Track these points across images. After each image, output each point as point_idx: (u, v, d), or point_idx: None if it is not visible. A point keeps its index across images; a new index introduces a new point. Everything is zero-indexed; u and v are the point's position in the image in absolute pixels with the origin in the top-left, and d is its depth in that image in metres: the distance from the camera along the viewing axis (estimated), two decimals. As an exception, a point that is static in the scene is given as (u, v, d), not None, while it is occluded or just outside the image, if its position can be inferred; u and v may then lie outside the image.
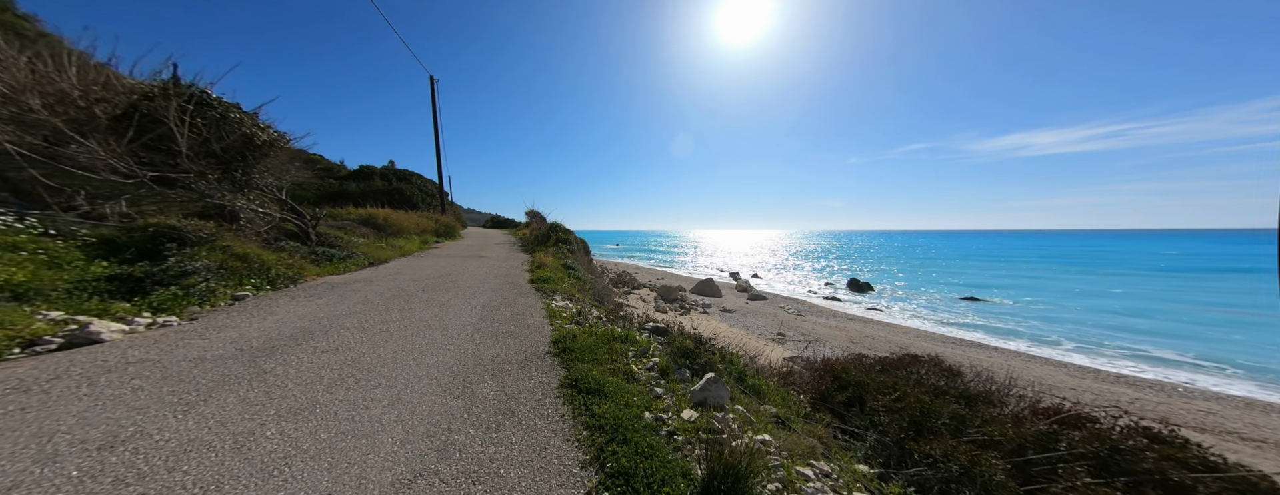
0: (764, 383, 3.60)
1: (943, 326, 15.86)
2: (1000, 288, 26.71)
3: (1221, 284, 26.59)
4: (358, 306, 4.32)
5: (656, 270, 36.15)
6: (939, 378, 4.32)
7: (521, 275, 7.03)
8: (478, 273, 7.04)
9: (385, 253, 7.91)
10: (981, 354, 11.17)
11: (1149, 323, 16.04)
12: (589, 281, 8.28)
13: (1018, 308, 19.91)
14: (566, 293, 6.02)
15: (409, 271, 6.71)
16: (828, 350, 11.54)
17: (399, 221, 10.51)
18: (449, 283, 5.97)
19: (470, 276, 6.60)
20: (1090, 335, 13.83)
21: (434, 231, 12.82)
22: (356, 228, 9.07)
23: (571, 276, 7.69)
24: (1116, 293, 24.08)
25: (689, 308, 18.07)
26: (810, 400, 3.87)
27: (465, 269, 7.40)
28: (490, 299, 5.11)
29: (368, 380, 2.56)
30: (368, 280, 5.75)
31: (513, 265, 8.30)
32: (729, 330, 14.08)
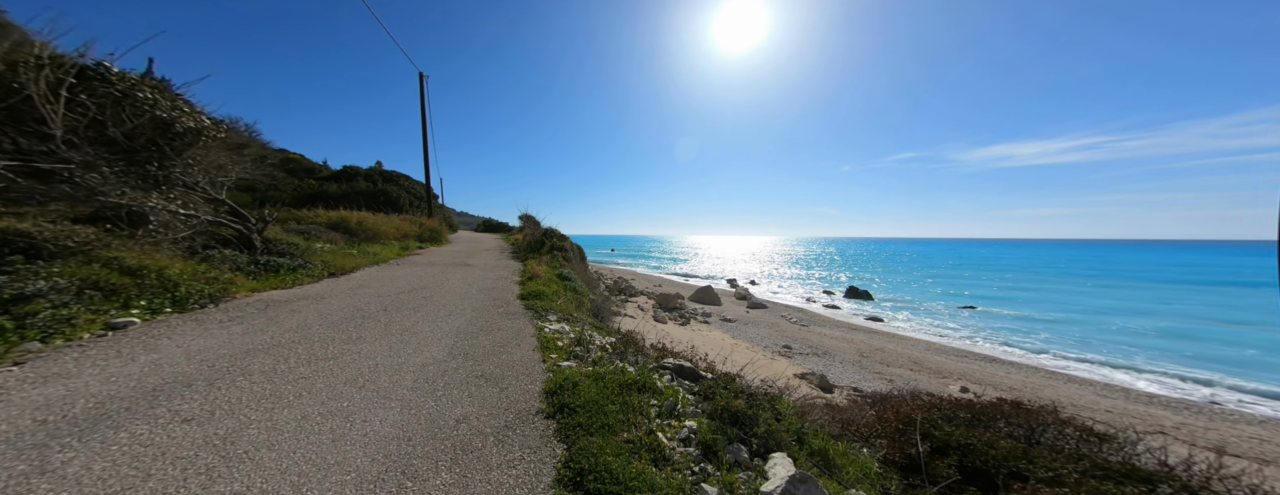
0: (831, 446, 2.64)
1: (949, 338, 15.18)
2: (996, 297, 26.42)
3: (1212, 295, 26.70)
4: (286, 336, 3.24)
5: (653, 276, 35.18)
6: (1073, 440, 3.17)
7: (510, 289, 5.99)
8: (459, 286, 5.97)
9: (352, 261, 6.78)
10: (1000, 370, 10.41)
11: (1152, 332, 15.63)
12: (587, 295, 7.27)
13: (1019, 318, 19.44)
14: (562, 311, 5.00)
15: (375, 284, 5.61)
16: (839, 365, 10.67)
17: (375, 225, 9.36)
18: (421, 299, 4.90)
19: (449, 290, 5.54)
20: (1101, 348, 13.26)
21: (417, 236, 11.65)
22: (323, 232, 7.92)
23: (568, 290, 6.67)
24: (1109, 303, 23.93)
25: (689, 317, 17.08)
26: (885, 460, 2.92)
27: (445, 281, 6.33)
28: (469, 322, 4.08)
29: (226, 484, 1.51)
30: (318, 296, 4.65)
31: (501, 276, 7.25)
32: (733, 342, 13.13)
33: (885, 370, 10.06)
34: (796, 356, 11.58)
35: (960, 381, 9.07)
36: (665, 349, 3.97)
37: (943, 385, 8.82)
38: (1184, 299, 24.94)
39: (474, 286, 6.00)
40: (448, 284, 6.06)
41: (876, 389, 8.49)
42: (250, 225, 5.39)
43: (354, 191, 16.72)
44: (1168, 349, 13.11)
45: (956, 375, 9.49)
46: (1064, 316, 19.41)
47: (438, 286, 5.79)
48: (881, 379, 9.39)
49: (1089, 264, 55.18)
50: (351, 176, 18.69)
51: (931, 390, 8.90)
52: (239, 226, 5.25)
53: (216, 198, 5.26)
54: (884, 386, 8.80)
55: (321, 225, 8.17)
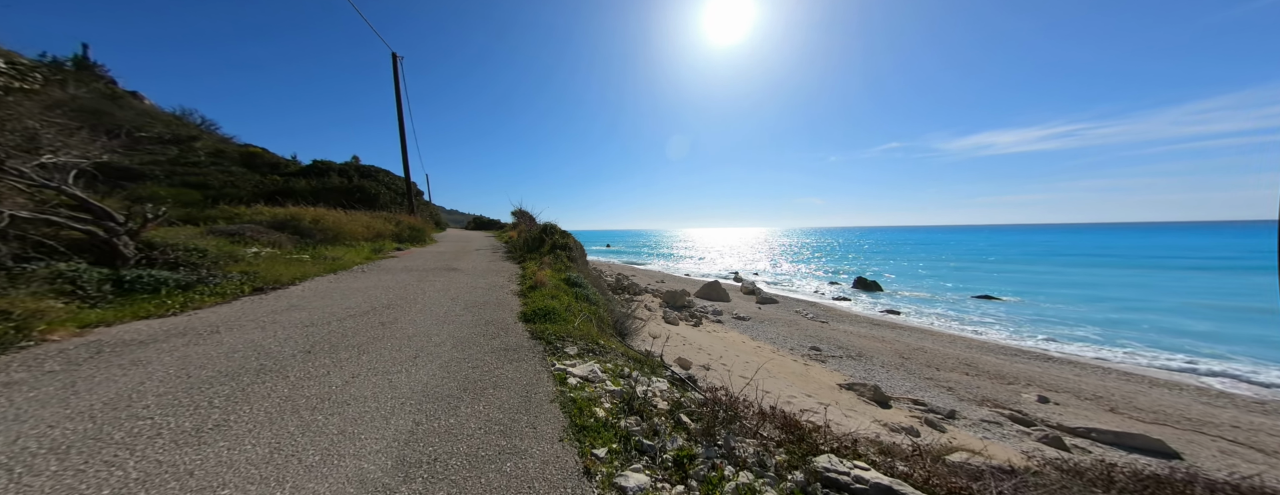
0: None
1: (980, 332, 14.16)
2: (1007, 286, 25.80)
3: (1208, 279, 26.54)
4: (56, 435, 1.63)
5: (653, 272, 33.79)
6: None
7: (507, 304, 4.43)
8: (438, 301, 4.38)
9: (297, 270, 5.08)
10: (1065, 372, 9.29)
11: (1179, 322, 14.91)
12: (604, 304, 5.73)
13: (1039, 307, 18.66)
14: (585, 339, 3.48)
15: (316, 304, 3.98)
16: (881, 370, 9.43)
17: (337, 223, 7.57)
18: (377, 328, 3.31)
19: (423, 310, 3.95)
20: (1145, 341, 12.31)
21: (395, 235, 9.86)
22: (263, 233, 6.14)
23: (581, 301, 5.12)
24: (1117, 289, 23.50)
25: (699, 316, 15.72)
26: None
27: (420, 294, 4.72)
28: (444, 372, 2.53)
29: None
30: (207, 330, 3.02)
31: (494, 283, 5.65)
32: (755, 345, 11.81)
33: (937, 375, 8.84)
34: (830, 361, 10.31)
35: (1032, 388, 7.90)
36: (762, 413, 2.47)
37: (1014, 394, 7.63)
38: (1186, 284, 24.70)
39: (459, 302, 4.41)
40: (423, 299, 4.45)
41: (941, 401, 7.25)
42: (115, 225, 3.66)
43: (326, 188, 14.69)
44: (1202, 340, 12.27)
45: (1023, 380, 8.33)
46: (1087, 305, 18.70)
47: (408, 304, 4.19)
48: (938, 386, 8.16)
49: (1076, 248, 55.93)
50: (323, 172, 16.56)
51: (1000, 399, 7.73)
52: (92, 227, 3.52)
53: (42, 182, 3.49)
54: (946, 396, 7.57)
55: (262, 224, 6.37)
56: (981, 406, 7.12)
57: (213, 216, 6.42)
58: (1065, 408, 6.90)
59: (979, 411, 6.85)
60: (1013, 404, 7.16)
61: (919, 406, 7.03)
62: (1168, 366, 9.50)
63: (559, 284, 5.66)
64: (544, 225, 10.26)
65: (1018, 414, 6.58)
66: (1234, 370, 9.03)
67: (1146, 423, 6.17)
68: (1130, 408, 6.70)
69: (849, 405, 6.96)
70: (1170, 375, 8.82)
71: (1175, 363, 9.80)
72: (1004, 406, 7.03)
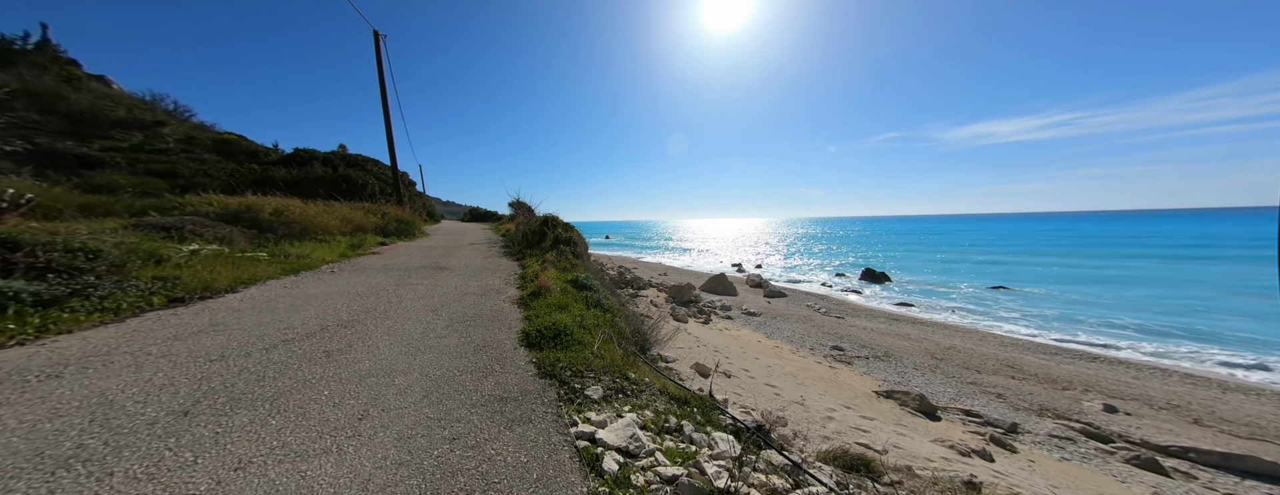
0: None
1: (1009, 329, 13.37)
2: (1019, 276, 25.07)
3: (1216, 267, 25.86)
4: None
5: (655, 264, 32.89)
6: None
7: (504, 320, 3.42)
8: (414, 317, 3.35)
9: (244, 271, 4.04)
10: (1121, 374, 8.45)
11: (1215, 315, 14.18)
12: (618, 310, 4.74)
13: (1060, 299, 17.90)
14: (609, 370, 2.50)
15: (245, 321, 2.96)
16: (915, 372, 8.60)
17: (305, 216, 6.46)
18: (315, 365, 2.30)
19: (391, 331, 2.94)
20: (1190, 335, 11.51)
21: (378, 229, 8.76)
22: (211, 226, 5.05)
23: (593, 308, 4.13)
24: (1137, 279, 22.83)
25: (708, 312, 14.84)
26: None
27: (395, 304, 3.70)
28: (401, 455, 1.50)
29: None
30: (39, 372, 1.98)
31: (489, 287, 4.65)
32: (773, 345, 10.95)
33: (980, 379, 8.01)
34: (857, 362, 9.46)
35: (1092, 395, 7.07)
36: None
37: (1073, 402, 6.80)
38: (1204, 274, 24.05)
39: (442, 315, 3.41)
40: (396, 312, 3.44)
41: (995, 411, 6.40)
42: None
43: (308, 178, 13.46)
44: (1253, 335, 11.51)
45: (1079, 385, 7.50)
46: (1111, 297, 17.94)
47: (375, 319, 3.18)
48: (985, 392, 7.32)
49: (1081, 236, 55.39)
50: (305, 161, 15.28)
51: (1060, 408, 6.91)
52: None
53: None
54: (998, 405, 6.73)
55: (208, 216, 5.25)
56: (1042, 417, 6.28)
57: (144, 208, 5.30)
58: (1139, 419, 6.08)
59: (1042, 423, 6.01)
60: (1076, 414, 6.33)
61: (973, 418, 6.17)
62: (1231, 366, 8.70)
63: (566, 287, 4.67)
64: (545, 217, 9.19)
65: (1090, 427, 5.74)
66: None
67: (1243, 438, 5.36)
68: (1215, 419, 5.89)
69: (894, 418, 6.10)
70: (1238, 377, 8.01)
71: (1241, 361, 8.99)
72: (1068, 418, 6.19)
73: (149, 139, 13.17)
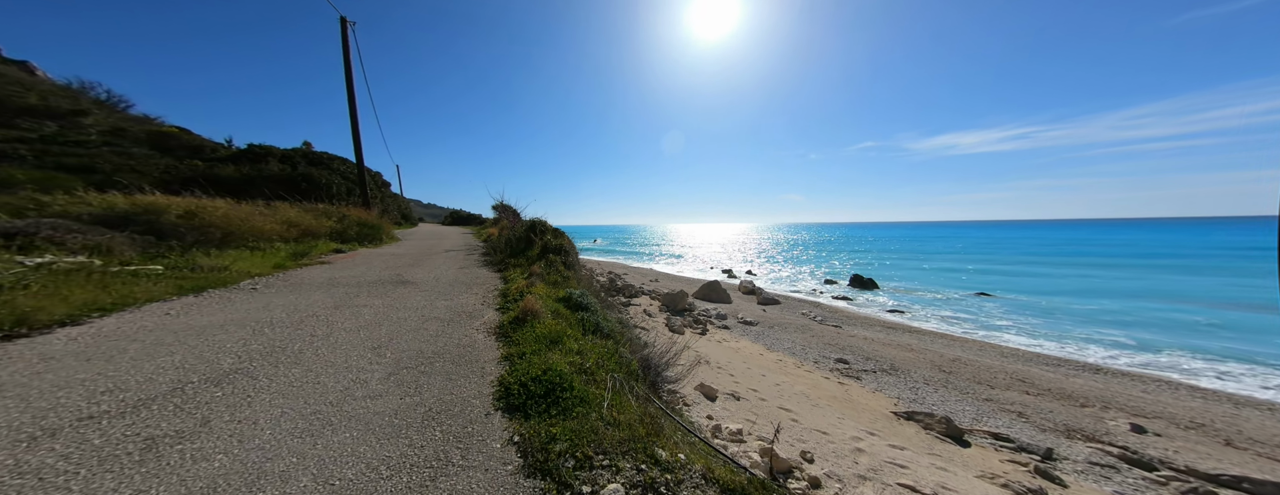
0: None
1: (1005, 337, 13.28)
2: (1000, 283, 25.74)
3: (1183, 276, 27.37)
4: None
5: (645, 269, 32.11)
6: None
7: (475, 359, 2.49)
8: (343, 359, 2.36)
9: (111, 293, 2.95)
10: (1133, 388, 8.19)
11: (1189, 322, 14.63)
12: (621, 337, 3.90)
13: (1042, 306, 18.23)
14: (632, 448, 1.67)
15: (42, 381, 1.92)
16: (927, 388, 8.11)
17: (234, 219, 5.27)
18: (123, 471, 1.34)
19: (295, 384, 1.95)
20: (1178, 345, 11.60)
21: (336, 234, 7.57)
22: (86, 232, 3.87)
23: (594, 339, 3.28)
24: (1105, 286, 23.80)
25: (704, 322, 14.14)
26: None
27: (322, 338, 2.71)
28: None
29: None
30: None
31: (460, 309, 3.71)
32: (776, 358, 10.32)
33: (996, 396, 7.58)
34: (865, 377, 8.92)
35: (1113, 412, 6.71)
36: None
37: (1096, 420, 6.40)
38: (1170, 280, 25.35)
39: (386, 357, 2.45)
40: (318, 351, 2.47)
41: (1023, 434, 5.89)
42: None
43: (262, 176, 11.98)
44: (1234, 343, 11.78)
45: (1097, 402, 7.16)
46: (1089, 304, 18.39)
47: (279, 364, 2.22)
48: (1005, 411, 6.86)
49: (1043, 243, 58.50)
50: (259, 157, 13.71)
51: (1086, 429, 6.50)
52: None
53: None
54: (1023, 427, 6.24)
55: (81, 219, 3.99)
56: (1073, 440, 5.82)
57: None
58: (1171, 440, 5.70)
59: (1076, 448, 5.53)
60: (1106, 436, 5.90)
61: (1004, 444, 5.62)
62: (1226, 377, 8.66)
63: (557, 308, 3.81)
64: (531, 222, 8.25)
65: (1128, 452, 5.28)
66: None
67: (1277, 461, 5.01)
68: (1245, 440, 5.57)
69: (924, 445, 5.49)
70: (1241, 389, 7.89)
71: (1232, 371, 8.99)
72: (1100, 440, 5.74)
73: (65, 130, 11.40)
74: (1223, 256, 35.08)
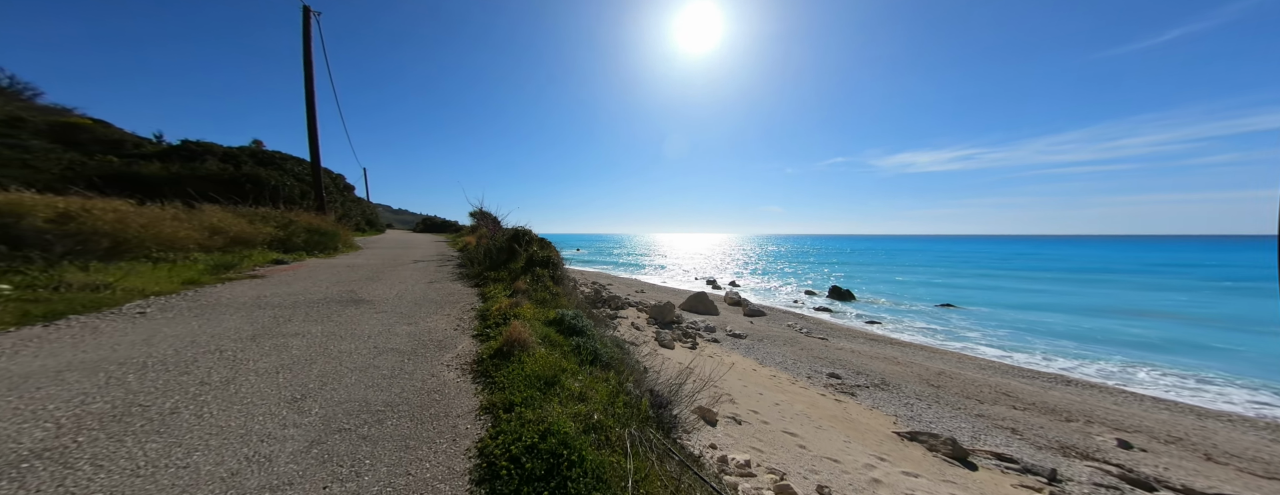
0: None
1: (979, 348, 13.72)
2: (959, 293, 27.20)
3: (1125, 289, 29.82)
4: None
5: (629, 280, 31.49)
6: None
7: (443, 414, 1.81)
8: (240, 422, 1.63)
9: None
10: (1103, 400, 8.42)
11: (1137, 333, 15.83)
12: (626, 371, 3.34)
13: (1003, 317, 19.26)
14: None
15: None
16: (920, 403, 8.00)
17: (129, 223, 4.20)
18: None
19: (146, 467, 1.19)
20: (1127, 357, 12.31)
21: (279, 242, 6.51)
22: None
23: (593, 371, 2.71)
24: (1048, 298, 25.67)
25: (693, 335, 13.70)
26: None
27: (219, 385, 1.94)
28: None
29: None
30: None
31: (426, 334, 3.01)
32: (770, 374, 9.99)
33: (987, 411, 7.55)
34: (860, 393, 8.72)
35: (1096, 426, 6.79)
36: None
37: (1084, 436, 6.44)
38: (1102, 292, 27.74)
39: (310, 414, 1.72)
40: (204, 409, 1.73)
41: (1021, 452, 5.77)
42: None
43: (195, 176, 10.51)
44: (1177, 355, 12.69)
45: (1079, 416, 7.26)
46: (1041, 315, 19.59)
47: (127, 437, 1.47)
48: (998, 428, 6.79)
49: (990, 257, 63.37)
50: (195, 155, 12.11)
51: (1077, 445, 6.50)
52: None
53: None
54: (1020, 444, 6.15)
55: None
56: (1069, 457, 5.75)
57: None
58: (1157, 456, 5.76)
59: (1075, 467, 5.45)
60: (1098, 452, 5.90)
61: (1010, 466, 5.45)
62: (1179, 388, 9.17)
63: (548, 335, 3.21)
64: (515, 230, 7.55)
65: (1127, 472, 5.24)
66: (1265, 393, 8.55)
67: (1262, 477, 5.13)
68: (1222, 454, 5.72)
69: (935, 470, 5.21)
70: (1198, 401, 8.33)
71: (1180, 379, 9.54)
72: (1095, 458, 5.71)
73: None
74: (1142, 271, 39.19)
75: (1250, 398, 8.45)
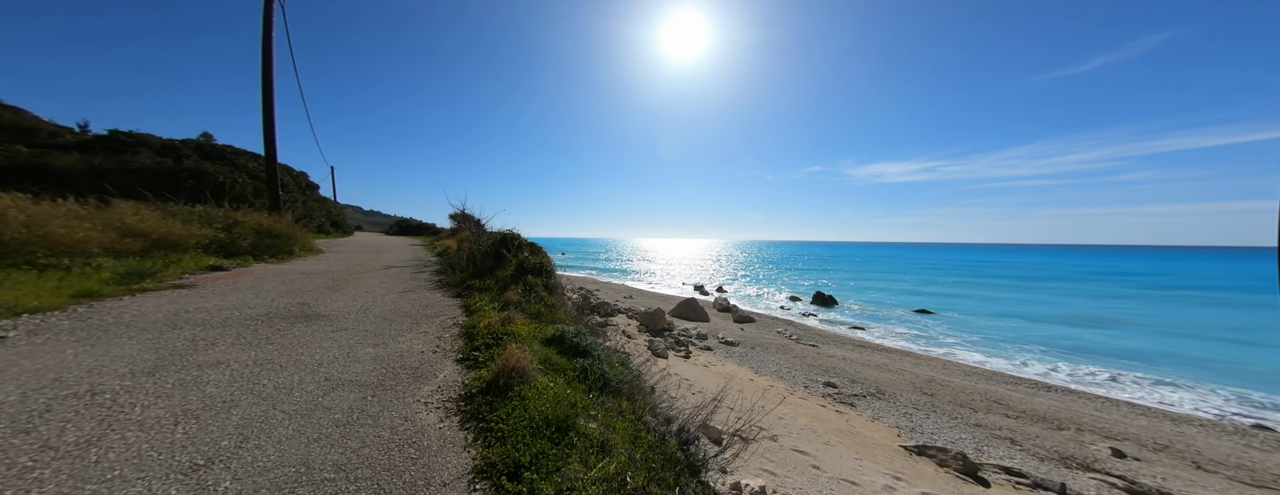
0: None
1: (961, 354, 14.03)
2: (931, 298, 28.28)
3: (1097, 298, 31.58)
4: None
5: (617, 285, 30.83)
6: None
7: (422, 483, 1.29)
8: None
9: None
10: (1088, 408, 8.65)
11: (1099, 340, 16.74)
12: (638, 394, 2.84)
13: (975, 323, 19.99)
14: None
15: None
16: (916, 412, 7.88)
17: (10, 224, 3.31)
18: None
19: None
20: (1095, 362, 12.90)
21: (219, 245, 5.57)
22: None
23: (604, 400, 2.20)
24: (1011, 303, 27.07)
25: (686, 343, 13.28)
26: None
27: (66, 467, 1.27)
28: None
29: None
30: None
31: (396, 359, 2.38)
32: (766, 383, 9.67)
33: (983, 420, 7.50)
34: (858, 404, 8.53)
35: (1088, 435, 6.83)
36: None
37: (1078, 445, 6.44)
38: (1064, 300, 29.59)
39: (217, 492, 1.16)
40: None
41: (1024, 463, 5.65)
42: None
43: (124, 170, 9.12)
44: (1132, 358, 13.43)
45: (1070, 424, 7.32)
46: (1013, 321, 20.47)
47: None
48: (997, 438, 6.70)
49: (953, 264, 67.09)
50: (125, 147, 10.56)
51: (1074, 454, 6.49)
52: None
53: None
54: (1021, 456, 6.05)
55: None
56: (1071, 469, 5.68)
57: None
58: (1151, 465, 5.78)
59: (1080, 480, 5.36)
60: (1097, 463, 5.87)
61: (1020, 480, 5.28)
62: (1150, 391, 9.56)
63: (549, 357, 2.67)
64: (503, 234, 6.88)
65: (1131, 484, 5.17)
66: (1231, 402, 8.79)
67: (1251, 485, 5.20)
68: (1210, 462, 5.83)
69: (951, 488, 4.96)
70: (1165, 405, 8.65)
71: (1155, 388, 9.93)
72: (1095, 469, 5.66)
73: None
74: (1085, 279, 42.41)
75: (1208, 402, 8.90)
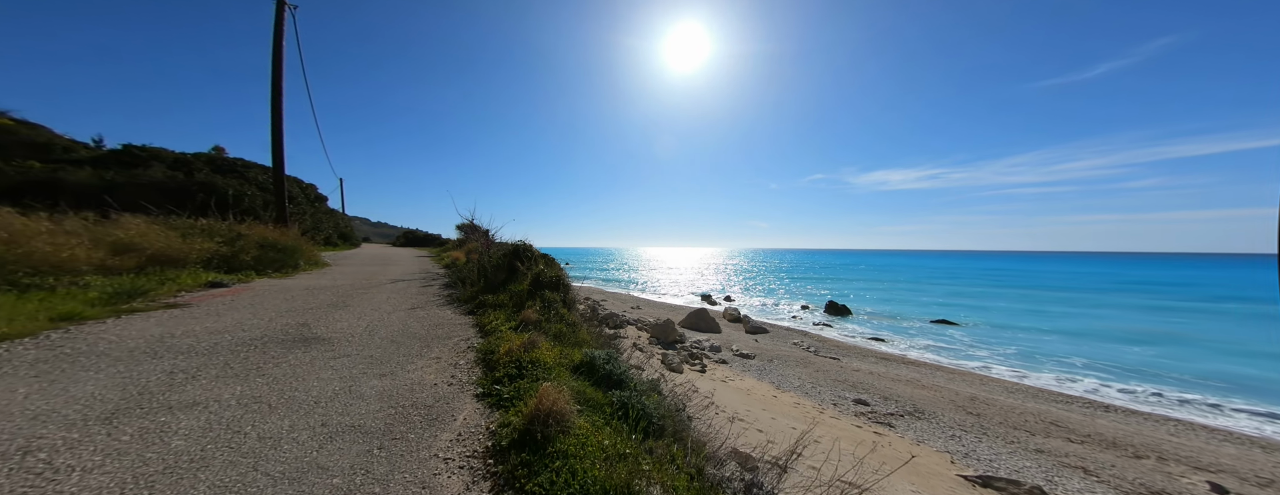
0: None
1: (997, 369, 13.11)
2: (950, 307, 27.15)
3: (1103, 307, 30.54)
4: None
5: (623, 295, 30.22)
6: None
7: None
8: None
9: None
10: (1162, 432, 7.71)
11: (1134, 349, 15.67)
12: (690, 439, 2.32)
13: (1003, 334, 18.98)
14: None
15: None
16: (966, 436, 7.10)
17: None
18: None
19: None
20: (1167, 381, 11.64)
21: (222, 259, 5.22)
22: None
23: (646, 444, 1.69)
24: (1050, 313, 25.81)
25: (699, 356, 12.58)
26: None
27: None
28: None
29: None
30: None
31: (404, 394, 1.89)
32: (792, 401, 8.95)
33: (1044, 445, 6.72)
34: (896, 424, 7.77)
35: (1173, 465, 6.02)
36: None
37: (1165, 477, 5.64)
38: (1091, 311, 28.19)
39: None
40: None
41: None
42: None
43: (136, 184, 8.93)
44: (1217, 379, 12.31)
45: (1149, 452, 6.51)
46: (1049, 334, 19.36)
47: None
48: (1068, 466, 5.93)
49: (969, 272, 65.24)
50: (138, 161, 10.45)
51: (1168, 490, 5.67)
52: None
53: None
54: (1105, 490, 5.27)
55: None
56: (1164, 510, 4.88)
57: None
58: None
59: (1179, 524, 4.56)
60: None
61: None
62: (1220, 413, 8.64)
63: (583, 391, 2.16)
64: (515, 246, 6.45)
65: (1243, 530, 4.36)
66: None
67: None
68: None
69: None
70: (1236, 426, 7.74)
71: (1225, 411, 8.96)
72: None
73: None
74: (1110, 290, 40.59)
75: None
